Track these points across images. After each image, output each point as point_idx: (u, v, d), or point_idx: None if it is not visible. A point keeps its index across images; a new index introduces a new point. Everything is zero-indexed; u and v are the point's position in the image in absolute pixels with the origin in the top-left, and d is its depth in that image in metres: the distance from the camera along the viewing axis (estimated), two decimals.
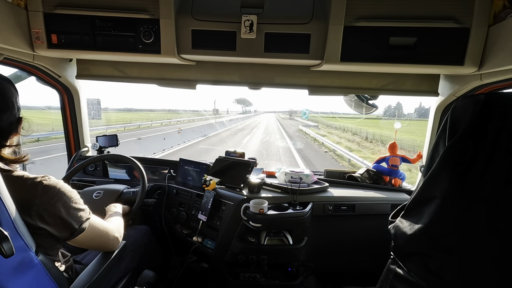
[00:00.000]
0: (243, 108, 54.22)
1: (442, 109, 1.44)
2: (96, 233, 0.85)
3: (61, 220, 0.73)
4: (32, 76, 1.42)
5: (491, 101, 0.52)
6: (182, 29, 1.14)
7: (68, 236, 0.76)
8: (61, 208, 0.72)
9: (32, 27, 1.12)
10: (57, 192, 0.73)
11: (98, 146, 1.77)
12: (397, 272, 0.63)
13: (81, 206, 0.80)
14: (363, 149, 13.96)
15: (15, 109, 0.74)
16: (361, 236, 1.55)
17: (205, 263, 1.49)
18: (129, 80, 1.47)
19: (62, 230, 0.74)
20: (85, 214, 0.80)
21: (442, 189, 0.55)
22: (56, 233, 0.73)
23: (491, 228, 0.51)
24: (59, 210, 0.72)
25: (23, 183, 0.70)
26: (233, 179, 1.50)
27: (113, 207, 1.16)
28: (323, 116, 59.86)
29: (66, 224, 0.74)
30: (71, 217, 0.75)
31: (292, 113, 79.00)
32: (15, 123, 0.75)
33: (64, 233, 0.74)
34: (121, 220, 1.06)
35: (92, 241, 0.85)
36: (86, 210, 0.81)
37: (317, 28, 1.09)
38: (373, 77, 1.36)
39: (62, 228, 0.74)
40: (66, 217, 0.73)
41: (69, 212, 0.74)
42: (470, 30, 1.00)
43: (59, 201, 0.72)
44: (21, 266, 0.64)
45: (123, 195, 1.32)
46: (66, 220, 0.73)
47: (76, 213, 0.76)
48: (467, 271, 0.53)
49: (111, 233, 0.91)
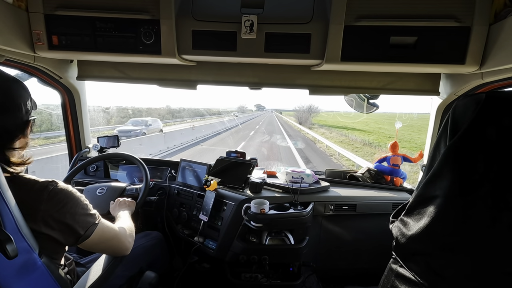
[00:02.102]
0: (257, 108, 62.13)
1: (443, 108, 1.44)
2: (106, 237, 0.83)
3: (66, 226, 0.72)
4: (33, 77, 1.42)
5: (492, 100, 0.51)
6: (182, 29, 1.14)
7: (74, 242, 0.75)
8: (67, 214, 0.72)
9: (33, 29, 1.13)
10: (64, 198, 0.72)
11: (99, 147, 1.78)
12: (399, 271, 0.63)
13: (89, 211, 0.79)
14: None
15: (22, 111, 0.72)
16: (362, 235, 1.55)
17: (207, 263, 1.49)
18: (129, 81, 1.47)
19: (67, 236, 0.73)
20: (92, 220, 0.78)
21: (443, 188, 0.55)
22: (61, 238, 0.72)
23: (492, 227, 0.51)
24: (65, 216, 0.71)
25: (30, 187, 0.70)
26: (234, 179, 1.50)
27: (121, 212, 1.14)
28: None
29: (71, 230, 0.73)
30: (76, 223, 0.74)
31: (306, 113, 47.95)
32: (22, 126, 0.73)
33: (69, 238, 0.74)
34: (132, 224, 1.05)
35: (101, 246, 0.84)
36: (94, 216, 0.80)
37: (317, 28, 1.09)
38: (374, 76, 1.36)
39: (67, 233, 0.73)
40: (72, 223, 0.73)
41: (74, 218, 0.73)
42: (471, 29, 1.00)
43: (65, 206, 0.72)
44: (25, 268, 0.64)
45: (126, 192, 1.34)
46: (71, 226, 0.73)
47: (82, 218, 0.76)
48: (468, 270, 0.53)
49: (123, 238, 0.90)
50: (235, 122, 28.87)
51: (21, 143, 0.75)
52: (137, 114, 22.38)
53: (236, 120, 31.84)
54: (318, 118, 51.14)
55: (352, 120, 31.41)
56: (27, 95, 0.74)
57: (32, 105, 0.77)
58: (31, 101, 0.77)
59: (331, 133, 24.72)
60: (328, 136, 21.06)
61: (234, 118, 35.66)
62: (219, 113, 40.73)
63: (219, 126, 22.28)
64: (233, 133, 20.45)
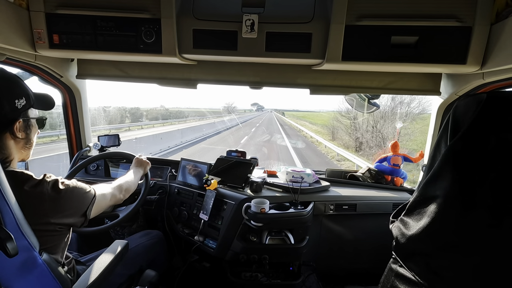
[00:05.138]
0: (256, 108, 61.22)
1: (444, 108, 1.44)
2: (102, 203, 0.93)
3: (73, 208, 0.79)
4: (34, 76, 1.42)
5: (493, 100, 0.51)
6: (183, 28, 1.13)
7: (83, 220, 0.82)
8: (69, 198, 0.78)
9: (34, 27, 1.13)
10: (62, 186, 0.77)
11: (100, 146, 1.78)
12: (399, 271, 0.63)
13: (86, 189, 0.85)
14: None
15: (4, 110, 0.72)
16: (362, 235, 1.55)
17: (207, 262, 1.49)
18: (130, 80, 1.47)
19: (77, 217, 0.80)
20: (90, 195, 0.86)
21: (443, 188, 0.55)
22: (71, 220, 0.78)
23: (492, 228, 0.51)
24: (68, 201, 0.77)
25: (30, 182, 0.72)
26: (234, 178, 1.50)
27: (133, 169, 1.29)
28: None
29: (78, 211, 0.80)
30: (80, 203, 0.81)
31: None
32: (6, 124, 0.74)
33: (79, 218, 0.81)
34: (131, 178, 1.20)
35: (100, 210, 0.93)
36: (90, 191, 0.87)
37: (318, 27, 1.09)
38: (375, 76, 1.35)
39: (77, 215, 0.80)
40: (77, 204, 0.80)
41: (78, 199, 0.81)
42: (472, 28, 1.00)
43: (66, 192, 0.77)
44: (25, 265, 0.65)
45: None
46: (76, 207, 0.80)
47: (82, 197, 0.82)
48: (468, 270, 0.53)
49: (115, 198, 1.04)
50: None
51: (6, 138, 0.75)
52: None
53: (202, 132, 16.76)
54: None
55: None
56: (11, 94, 0.74)
57: (27, 103, 0.77)
58: (26, 99, 0.77)
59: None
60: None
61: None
62: (185, 116, 28.41)
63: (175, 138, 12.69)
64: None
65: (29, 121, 0.81)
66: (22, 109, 0.76)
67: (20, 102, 0.75)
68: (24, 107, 0.77)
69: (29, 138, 0.82)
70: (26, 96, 0.77)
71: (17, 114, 0.75)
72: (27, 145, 0.82)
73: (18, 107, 0.75)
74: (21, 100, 0.75)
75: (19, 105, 0.75)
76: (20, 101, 0.75)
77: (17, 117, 0.75)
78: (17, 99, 0.74)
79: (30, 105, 0.79)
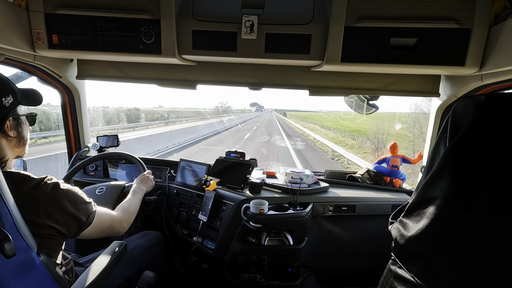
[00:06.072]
0: (256, 108, 59.79)
1: (443, 110, 1.44)
2: (102, 222, 0.88)
3: (70, 215, 0.75)
4: (33, 76, 1.42)
5: (492, 101, 0.51)
6: (182, 29, 1.14)
7: (77, 231, 0.78)
8: (67, 203, 0.75)
9: (33, 28, 1.12)
10: (62, 190, 0.75)
11: (99, 146, 1.78)
12: (398, 273, 0.63)
13: (86, 199, 0.82)
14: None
15: None
16: (361, 236, 1.54)
17: (205, 263, 1.49)
18: (129, 80, 1.47)
19: (71, 225, 0.76)
20: (91, 207, 0.82)
21: (442, 190, 0.55)
22: (65, 230, 0.75)
23: (491, 228, 0.51)
24: (66, 206, 0.74)
25: (29, 183, 0.71)
26: (233, 179, 1.50)
27: (136, 186, 1.24)
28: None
29: (75, 219, 0.76)
30: (78, 211, 0.77)
31: None
32: None
33: (73, 227, 0.77)
34: (133, 203, 1.12)
35: (100, 232, 0.89)
36: (91, 203, 0.84)
37: (317, 29, 1.09)
38: (374, 77, 1.36)
39: (71, 222, 0.76)
40: (74, 211, 0.76)
41: (75, 206, 0.77)
42: (471, 30, 1.00)
43: (65, 197, 0.75)
44: (23, 266, 0.64)
45: (125, 189, 1.34)
46: (74, 215, 0.76)
47: (83, 207, 0.79)
48: (467, 271, 0.53)
49: (117, 224, 0.96)
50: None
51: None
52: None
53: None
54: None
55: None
56: (2, 91, 0.72)
57: (14, 101, 0.75)
58: (13, 96, 0.75)
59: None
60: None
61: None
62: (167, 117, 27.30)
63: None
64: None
65: (19, 118, 0.79)
66: (10, 106, 0.74)
67: (7, 100, 0.73)
68: (12, 105, 0.75)
69: (22, 135, 0.81)
70: (12, 93, 0.75)
71: (5, 112, 0.73)
72: (20, 142, 0.81)
73: (5, 105, 0.73)
74: (8, 97, 0.73)
75: (6, 103, 0.73)
76: (7, 99, 0.73)
77: (6, 115, 0.74)
78: (4, 97, 0.72)
79: (18, 102, 0.77)
